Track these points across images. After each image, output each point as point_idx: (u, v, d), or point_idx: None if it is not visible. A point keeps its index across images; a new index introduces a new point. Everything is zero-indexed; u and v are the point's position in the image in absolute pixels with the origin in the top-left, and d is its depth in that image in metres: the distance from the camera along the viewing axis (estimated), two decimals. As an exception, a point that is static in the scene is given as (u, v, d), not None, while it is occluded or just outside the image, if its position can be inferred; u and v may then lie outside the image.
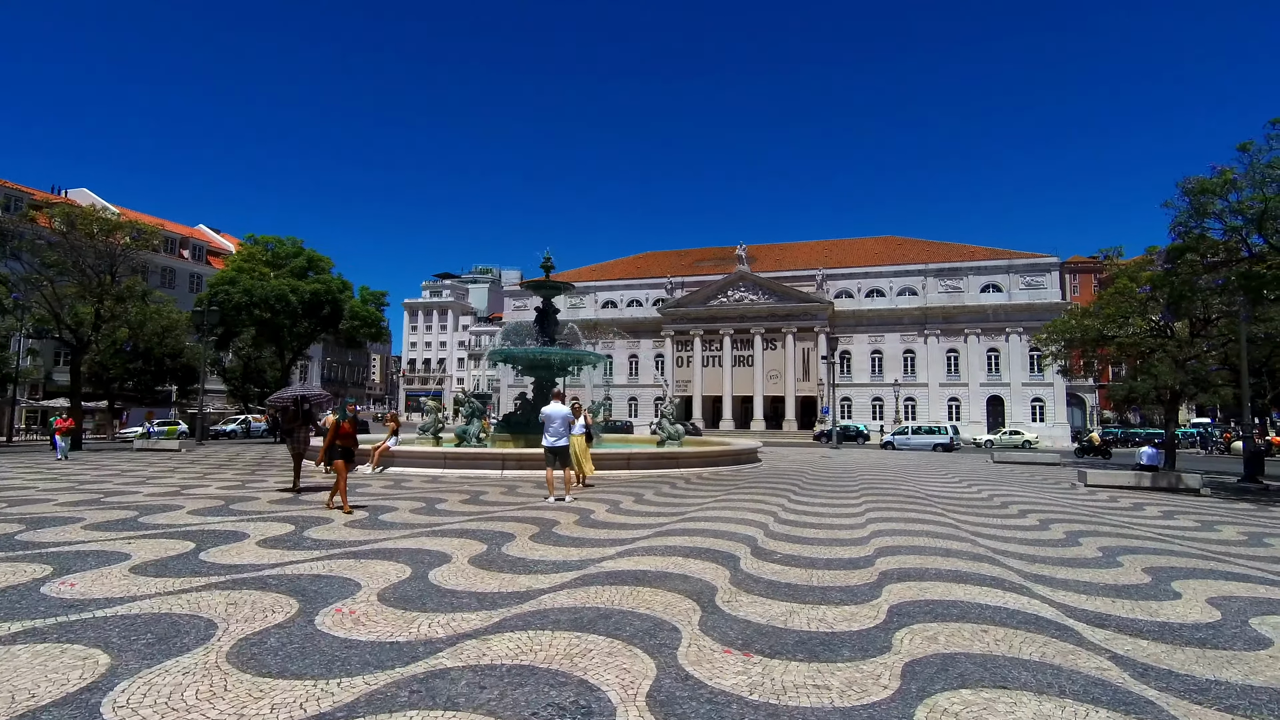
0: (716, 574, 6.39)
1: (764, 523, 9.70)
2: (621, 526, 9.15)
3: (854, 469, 21.69)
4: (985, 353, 63.93)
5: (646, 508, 11.13)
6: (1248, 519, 11.89)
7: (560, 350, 22.44)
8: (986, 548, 8.17)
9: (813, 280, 67.27)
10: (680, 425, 22.04)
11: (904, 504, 12.41)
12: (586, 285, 79.32)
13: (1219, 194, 15.68)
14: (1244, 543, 9.25)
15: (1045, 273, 63.84)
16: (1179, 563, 7.58)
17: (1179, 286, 17.85)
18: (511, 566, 6.55)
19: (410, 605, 5.13)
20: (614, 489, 13.79)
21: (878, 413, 65.11)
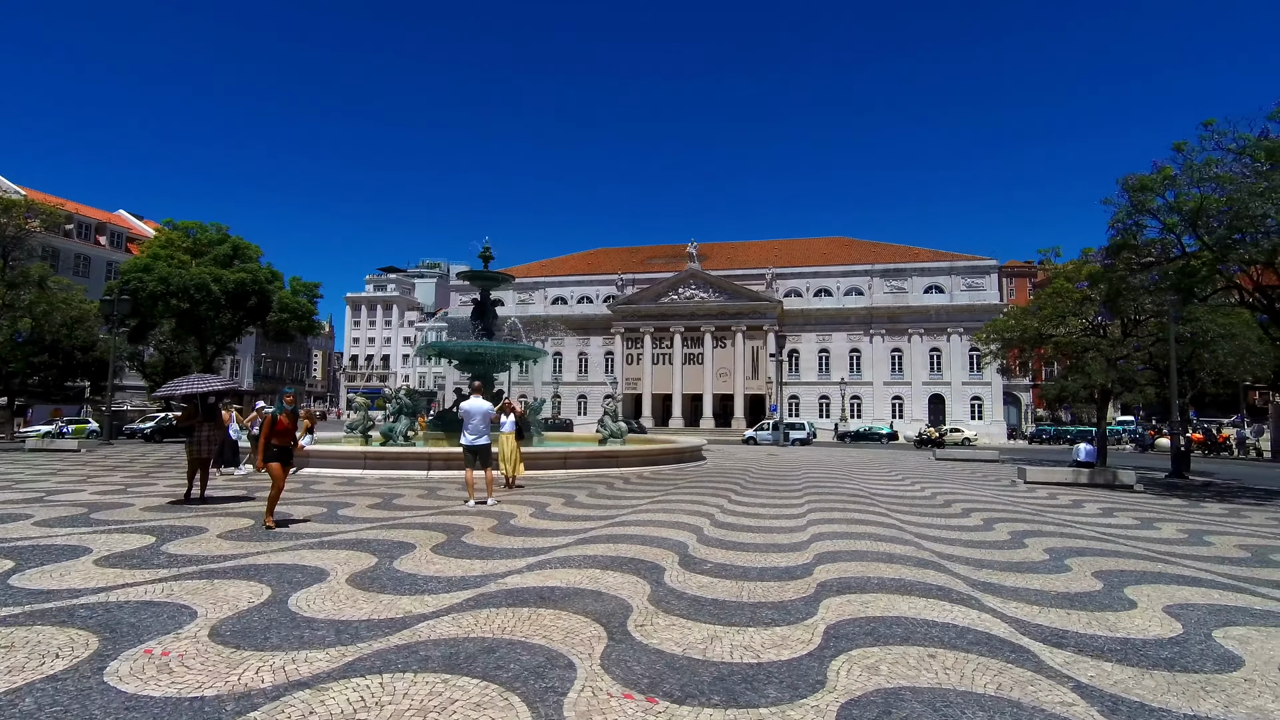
0: (635, 590, 5.59)
1: (699, 526, 8.98)
2: (541, 533, 8.27)
3: (799, 466, 21.33)
4: (928, 352, 65.37)
5: (575, 511, 10.28)
6: (1183, 515, 11.83)
7: (496, 344, 21.35)
8: (931, 551, 7.63)
9: (763, 279, 67.54)
10: (623, 423, 21.26)
11: (847, 503, 11.92)
12: (536, 281, 77.90)
13: (1157, 191, 15.82)
14: (1185, 541, 9.01)
15: (985, 275, 65.69)
16: (1127, 565, 7.18)
17: (1116, 283, 18.04)
18: (397, 585, 5.61)
19: (247, 641, 4.15)
20: (545, 490, 12.89)
21: (824, 411, 65.86)
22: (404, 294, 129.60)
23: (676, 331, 67.73)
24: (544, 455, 16.06)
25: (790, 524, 9.46)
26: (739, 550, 7.45)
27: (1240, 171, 14.58)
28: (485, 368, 22.05)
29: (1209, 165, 15.16)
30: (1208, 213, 14.88)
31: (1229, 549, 8.49)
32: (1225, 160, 15.37)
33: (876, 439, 54.95)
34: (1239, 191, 14.18)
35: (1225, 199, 14.62)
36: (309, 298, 40.97)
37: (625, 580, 5.91)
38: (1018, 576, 6.49)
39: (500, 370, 23.37)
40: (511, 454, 12.72)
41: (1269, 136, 15.51)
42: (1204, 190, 15.01)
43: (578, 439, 27.87)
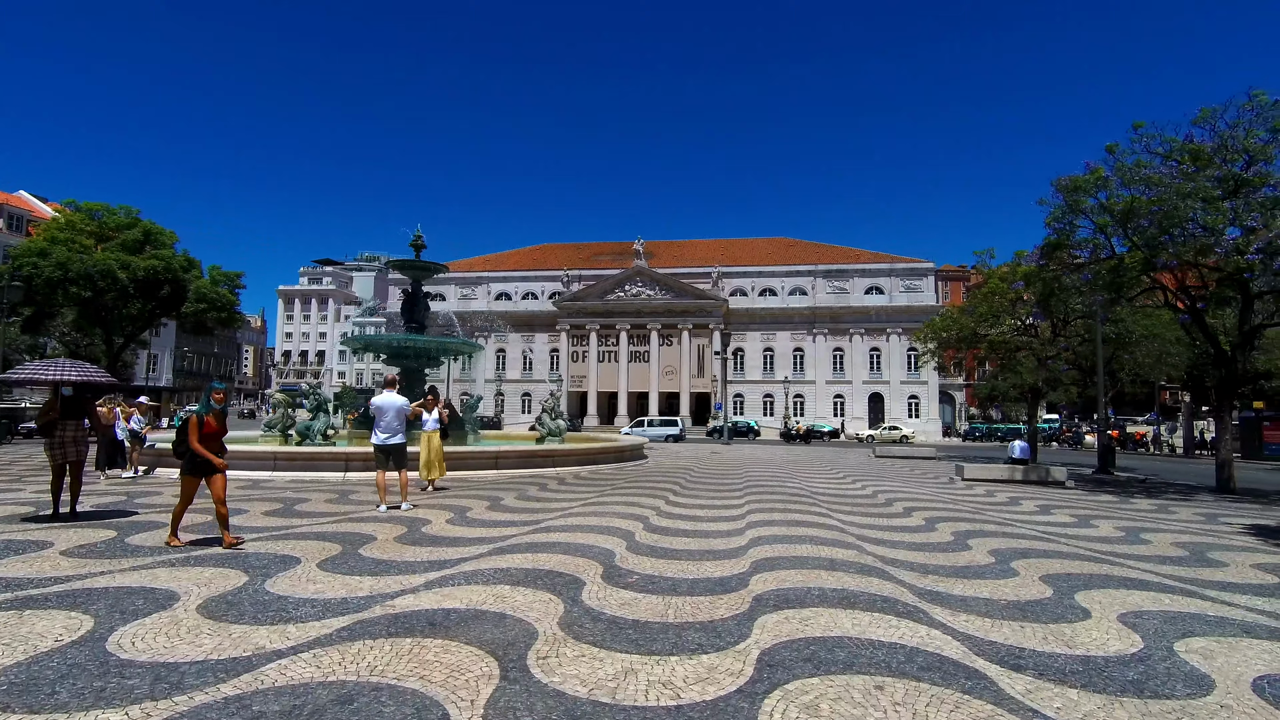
0: (546, 611, 4.85)
1: (631, 531, 8.30)
2: (453, 543, 7.42)
3: (742, 464, 20.96)
4: (868, 352, 66.79)
5: (498, 516, 9.44)
6: (1117, 512, 11.86)
7: (425, 337, 20.17)
8: (874, 555, 7.16)
9: (709, 278, 67.61)
10: (563, 421, 20.44)
11: (788, 503, 11.47)
12: (480, 276, 76.01)
13: (1090, 192, 16.05)
14: (1124, 540, 8.87)
15: (922, 277, 67.55)
16: (1073, 568, 6.87)
17: (1049, 283, 18.31)
18: (259, 612, 4.70)
19: (20, 699, 3.22)
20: (471, 492, 11.98)
21: (769, 409, 66.44)
22: (341, 287, 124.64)
23: (623, 329, 67.12)
24: (474, 455, 15.10)
25: (728, 527, 8.88)
26: (670, 559, 6.79)
27: (1168, 173, 14.89)
28: (415, 362, 20.84)
29: (1139, 167, 15.45)
30: (1138, 214, 15.13)
31: (1167, 547, 8.36)
32: (1154, 163, 15.71)
33: (818, 436, 55.66)
34: (1167, 193, 14.46)
35: (1154, 200, 14.90)
36: (230, 288, 38.38)
37: (537, 599, 5.16)
38: (965, 583, 6.05)
39: (432, 365, 22.16)
40: (434, 455, 11.73)
41: (1193, 140, 15.93)
42: (1134, 191, 15.28)
43: (516, 438, 26.85)
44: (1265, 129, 15.08)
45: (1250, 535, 9.55)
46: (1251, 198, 14.40)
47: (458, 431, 21.19)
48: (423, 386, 21.46)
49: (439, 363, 22.30)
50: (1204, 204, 14.02)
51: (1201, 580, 6.49)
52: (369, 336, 20.27)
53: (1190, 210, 14.17)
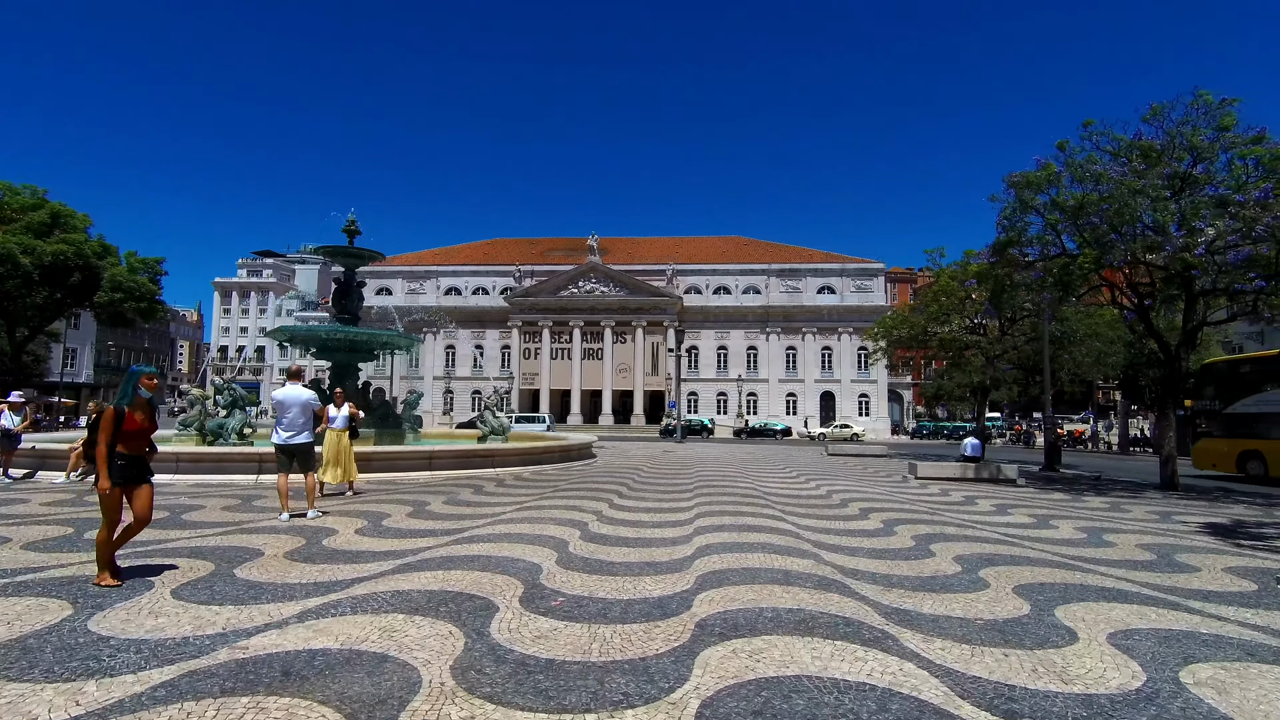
0: (441, 649, 3.93)
1: (565, 540, 7.42)
2: (355, 558, 6.40)
3: (693, 463, 20.28)
4: (820, 351, 67.40)
5: (419, 524, 8.42)
6: (1072, 511, 11.56)
7: (358, 329, 18.80)
8: (833, 565, 6.47)
9: (663, 275, 67.06)
10: (506, 419, 19.37)
11: (739, 505, 10.76)
12: (429, 270, 73.74)
13: (1041, 188, 15.90)
14: (1088, 542, 8.43)
15: (873, 277, 68.55)
16: (1045, 576, 6.30)
17: (1000, 280, 18.19)
18: (60, 663, 3.63)
19: None
20: (396, 497, 10.88)
21: (722, 407, 66.36)
22: (282, 280, 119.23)
23: (576, 326, 65.98)
24: (406, 455, 13.93)
25: (674, 534, 8.08)
26: (605, 574, 5.94)
27: (1119, 171, 14.81)
28: (347, 356, 19.44)
29: (1090, 162, 15.34)
30: (1088, 210, 15.02)
31: (1133, 550, 7.93)
32: (1104, 160, 15.65)
33: (771, 435, 55.76)
34: (1118, 189, 14.35)
35: (1105, 197, 14.80)
36: (151, 276, 35.70)
37: (433, 632, 4.22)
38: (934, 599, 5.38)
39: (366, 359, 20.75)
40: (340, 456, 10.54)
41: (1143, 138, 15.94)
42: (1085, 188, 15.16)
43: (462, 436, 25.58)
44: (1210, 127, 15.18)
45: (1209, 535, 9.27)
46: (1197, 196, 14.42)
47: (394, 430, 19.94)
48: (356, 382, 20.09)
49: (374, 357, 20.90)
50: (1152, 202, 13.94)
51: (1180, 589, 6.00)
52: (295, 327, 18.79)
53: (1139, 208, 14.09)
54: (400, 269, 74.49)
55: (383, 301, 70.00)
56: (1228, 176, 14.98)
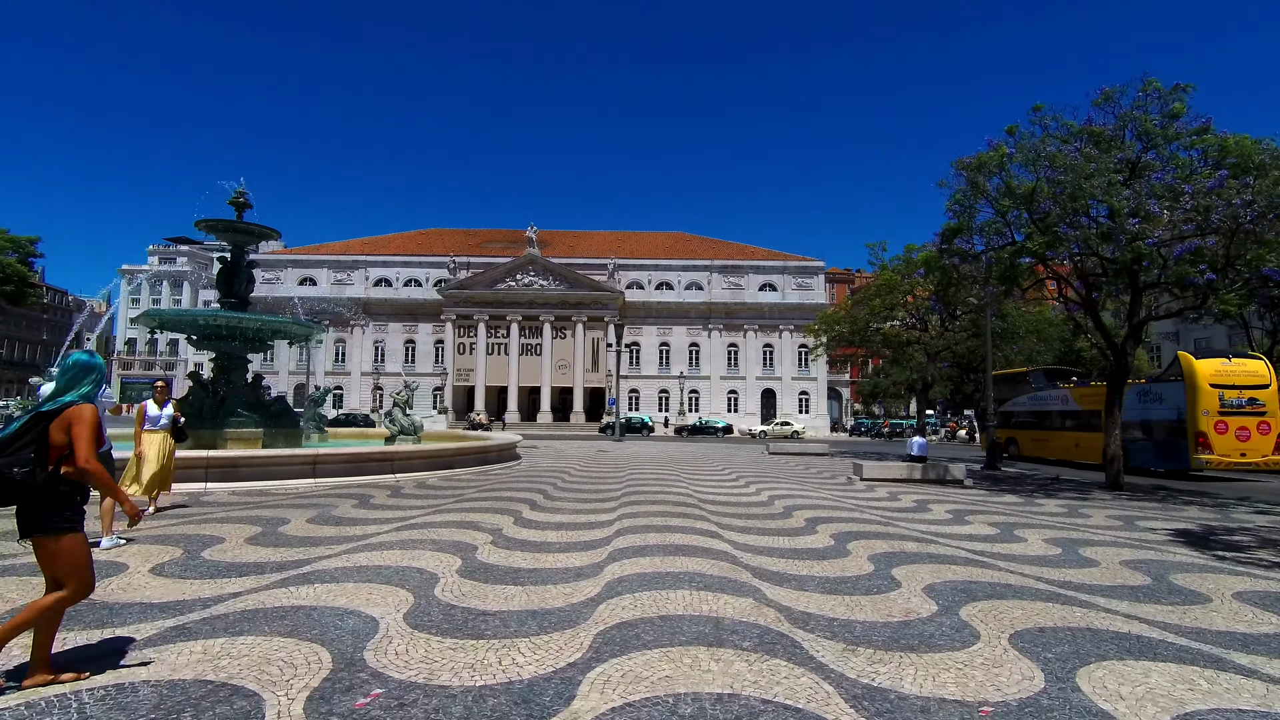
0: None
1: (437, 575, 5.71)
2: (117, 613, 4.52)
3: (627, 464, 18.73)
4: (761, 348, 67.10)
5: (256, 554, 6.52)
6: (1031, 518, 10.56)
7: (243, 314, 16.41)
8: (778, 607, 4.99)
9: (605, 269, 65.37)
10: (416, 417, 17.32)
11: (669, 518, 9.24)
12: (357, 259, 69.77)
13: (992, 171, 15.04)
14: (1067, 561, 7.27)
15: (813, 275, 68.73)
16: (1041, 616, 4.99)
17: (949, 271, 17.34)
18: None
19: None
20: (252, 512, 8.87)
21: (664, 404, 65.22)
22: (199, 269, 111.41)
23: (514, 320, 63.52)
24: (281, 460, 11.81)
25: (583, 561, 6.47)
26: (467, 636, 4.26)
27: (1072, 153, 14.06)
28: (232, 345, 17.00)
29: (1045, 143, 14.56)
30: (1040, 198, 14.22)
31: (1120, 570, 6.80)
32: (1054, 145, 14.91)
33: (712, 432, 54.92)
34: (1071, 174, 13.58)
35: (1058, 180, 14.03)
36: (21, 257, 31.62)
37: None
38: (917, 662, 3.95)
39: (257, 350, 18.31)
40: (159, 462, 8.35)
41: (1093, 124, 15.29)
42: (1039, 174, 14.36)
43: (376, 436, 23.26)
44: (1161, 114, 14.63)
45: (1186, 546, 8.32)
46: (1151, 182, 13.79)
47: (289, 430, 17.65)
48: (245, 375, 17.67)
49: (266, 347, 18.47)
50: (1107, 187, 13.20)
51: (1208, 632, 4.78)
52: (164, 311, 16.36)
53: (1092, 192, 13.33)
54: (326, 258, 70.32)
55: (306, 292, 65.78)
56: (1175, 167, 14.49)
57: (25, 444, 3.20)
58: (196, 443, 16.04)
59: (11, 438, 3.20)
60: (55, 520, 3.25)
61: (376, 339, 68.08)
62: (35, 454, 3.20)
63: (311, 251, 72.86)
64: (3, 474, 3.12)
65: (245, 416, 16.31)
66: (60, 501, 3.28)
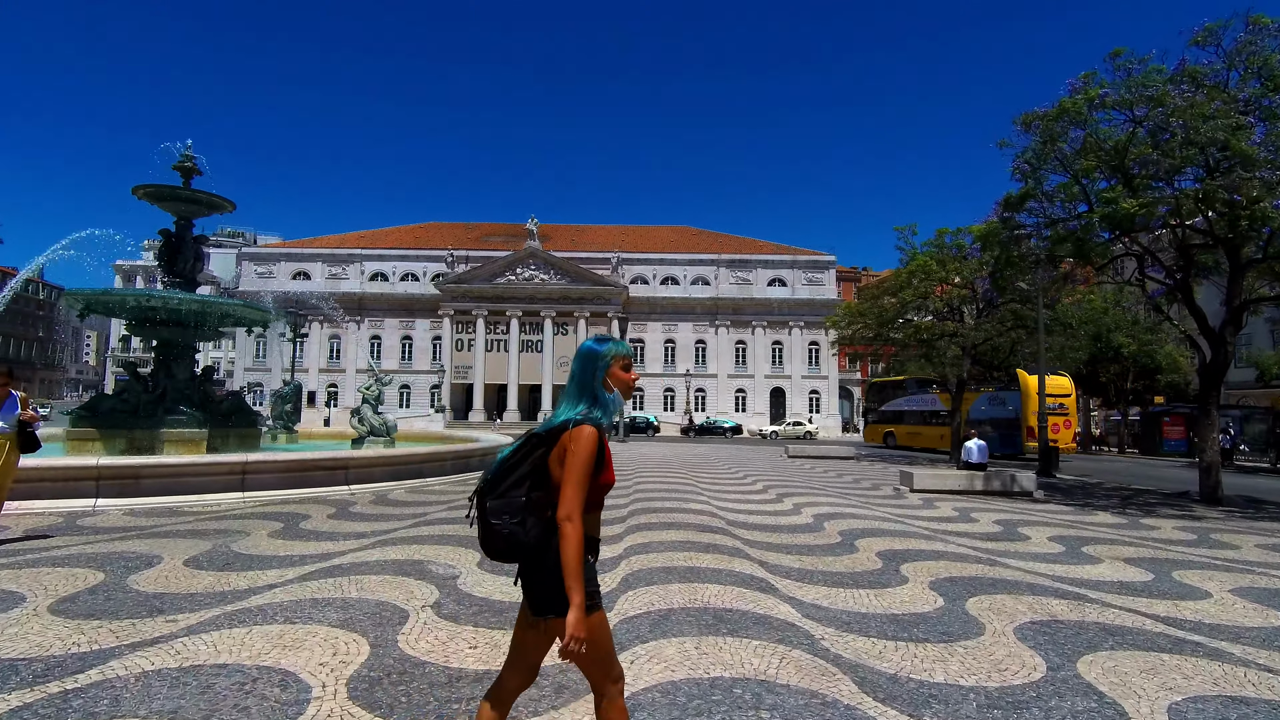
0: None
1: (311, 689, 3.26)
2: None
3: (633, 470, 16.26)
4: (770, 345, 64.58)
5: (33, 637, 4.07)
6: (1171, 550, 8.07)
7: (182, 294, 13.99)
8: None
9: (608, 263, 62.85)
10: (388, 417, 14.88)
11: (694, 552, 6.77)
12: (352, 253, 67.48)
13: (1079, 121, 12.46)
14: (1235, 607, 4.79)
15: (824, 270, 66.18)
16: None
17: (1008, 246, 14.80)
18: None
19: None
20: (119, 543, 6.42)
21: (669, 404, 62.73)
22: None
23: (514, 315, 61.08)
24: (196, 469, 9.33)
25: (571, 647, 4.01)
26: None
27: (1185, 93, 11.53)
28: (173, 332, 14.58)
29: (1148, 78, 12.00)
30: (1138, 148, 11.71)
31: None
32: (1154, 87, 12.37)
33: (720, 432, 52.38)
34: (1183, 116, 11.06)
35: (1162, 127, 11.52)
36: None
37: None
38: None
39: (206, 338, 15.91)
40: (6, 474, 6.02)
41: (1187, 65, 12.75)
42: (1136, 118, 11.83)
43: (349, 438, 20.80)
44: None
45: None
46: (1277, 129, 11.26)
47: (245, 430, 15.24)
48: (189, 367, 15.25)
49: (215, 335, 16.03)
50: (1233, 130, 10.67)
51: None
52: (91, 291, 13.92)
53: (1213, 137, 10.80)
54: (320, 251, 68.08)
55: (301, 286, 63.52)
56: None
57: (518, 480, 2.14)
58: (131, 447, 13.76)
59: (505, 469, 2.17)
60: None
61: (372, 335, 65.79)
62: (528, 495, 2.13)
63: (306, 245, 70.65)
64: (490, 526, 2.12)
65: (187, 415, 13.87)
66: None
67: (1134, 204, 11.75)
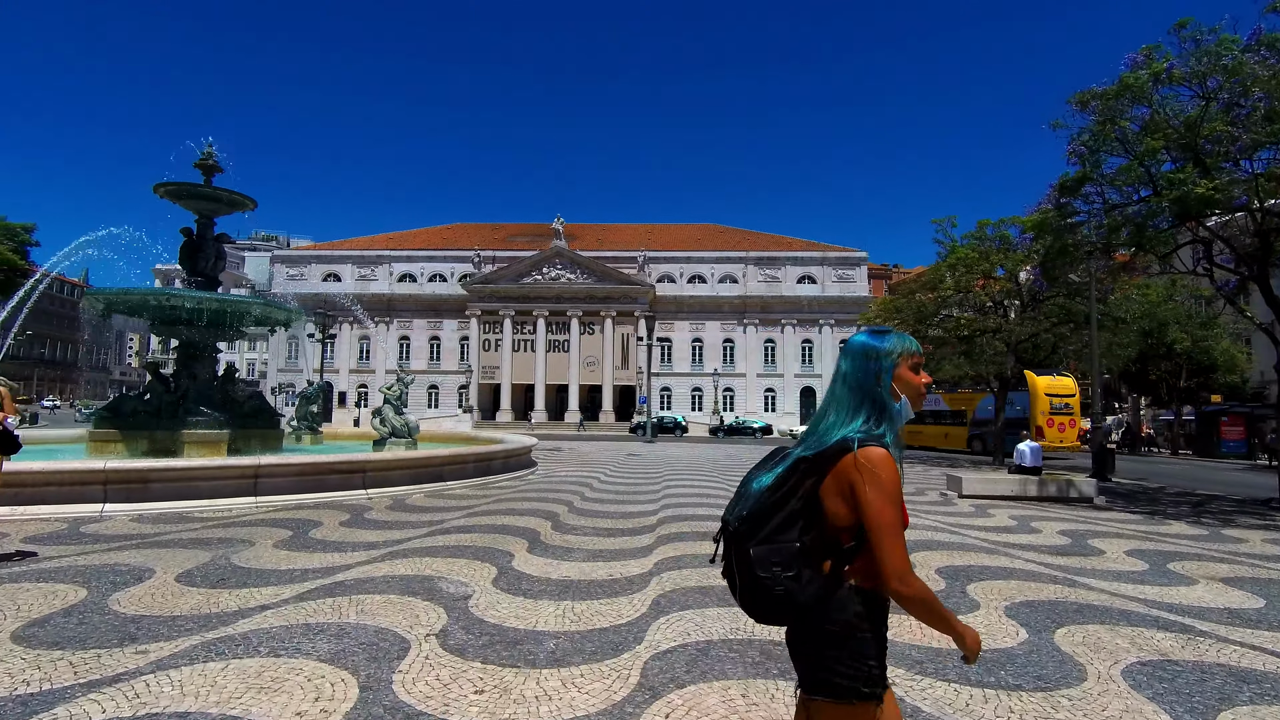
0: None
1: (310, 717, 2.70)
2: None
3: (662, 473, 15.63)
4: (800, 344, 63.32)
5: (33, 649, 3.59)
6: (1236, 559, 7.16)
7: (203, 294, 13.74)
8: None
9: (634, 262, 62.20)
10: (410, 417, 14.47)
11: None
12: (381, 254, 67.94)
13: (1142, 98, 11.47)
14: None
15: (855, 266, 64.68)
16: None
17: (1063, 234, 13.79)
18: None
19: None
20: (116, 553, 6.01)
21: (697, 404, 61.90)
22: (231, 269, 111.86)
23: (540, 315, 60.81)
24: (207, 473, 8.95)
25: (602, 687, 3.40)
26: None
27: (1269, 60, 10.50)
28: (193, 332, 14.36)
29: (1222, 47, 10.98)
30: (1211, 124, 10.69)
31: None
32: (1229, 57, 11.31)
33: (750, 433, 51.40)
34: (1265, 86, 10.05)
35: (1235, 104, 10.51)
36: (16, 246, 29.83)
37: None
38: None
39: (229, 338, 15.69)
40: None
41: (1264, 33, 11.65)
42: (1210, 86, 10.82)
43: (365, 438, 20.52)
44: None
45: None
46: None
47: (266, 431, 15.01)
48: (210, 367, 15.05)
49: (238, 335, 15.81)
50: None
51: None
52: (112, 290, 13.75)
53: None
54: (350, 254, 68.74)
55: (331, 288, 64.25)
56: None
57: (788, 519, 1.58)
58: (152, 448, 13.56)
59: (769, 505, 1.60)
60: (848, 672, 1.54)
61: (401, 335, 66.22)
62: (801, 539, 1.57)
63: (335, 247, 71.47)
64: (758, 580, 1.54)
65: (208, 416, 13.63)
66: (851, 637, 1.56)
67: (1207, 185, 10.73)
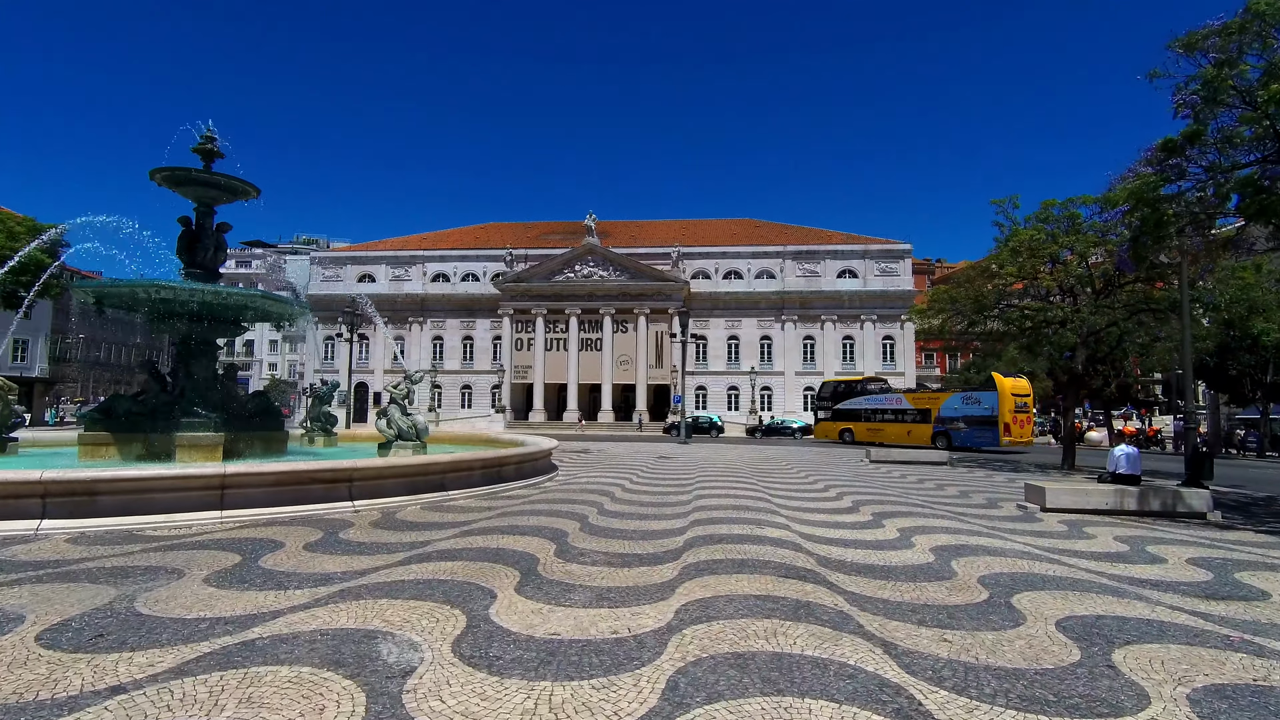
0: None
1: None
2: None
3: (694, 478, 14.10)
4: (840, 340, 60.87)
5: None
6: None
7: (197, 285, 12.74)
8: None
9: (668, 259, 60.63)
10: (418, 418, 13.23)
11: (775, 618, 4.56)
12: (414, 254, 67.85)
13: (1267, 35, 9.49)
14: None
15: (899, 259, 61.84)
16: None
17: (1161, 206, 11.76)
18: None
19: None
20: (24, 585, 4.80)
21: (733, 403, 59.98)
22: (272, 273, 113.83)
23: (573, 314, 59.73)
24: (165, 483, 7.76)
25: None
26: None
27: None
28: (193, 327, 13.43)
29: None
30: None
31: None
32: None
33: (789, 433, 49.33)
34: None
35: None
36: (46, 247, 29.80)
37: None
38: None
39: (227, 334, 14.77)
40: None
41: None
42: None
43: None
44: None
45: None
46: None
47: (269, 434, 14.06)
48: (209, 365, 14.10)
49: (238, 330, 14.86)
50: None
51: None
52: (101, 282, 12.88)
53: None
54: (384, 254, 68.86)
55: (366, 289, 64.39)
56: None
57: None
58: (146, 451, 12.64)
59: None
60: None
61: (435, 335, 65.98)
62: None
63: (370, 248, 71.71)
64: None
65: (204, 417, 12.68)
66: None
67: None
